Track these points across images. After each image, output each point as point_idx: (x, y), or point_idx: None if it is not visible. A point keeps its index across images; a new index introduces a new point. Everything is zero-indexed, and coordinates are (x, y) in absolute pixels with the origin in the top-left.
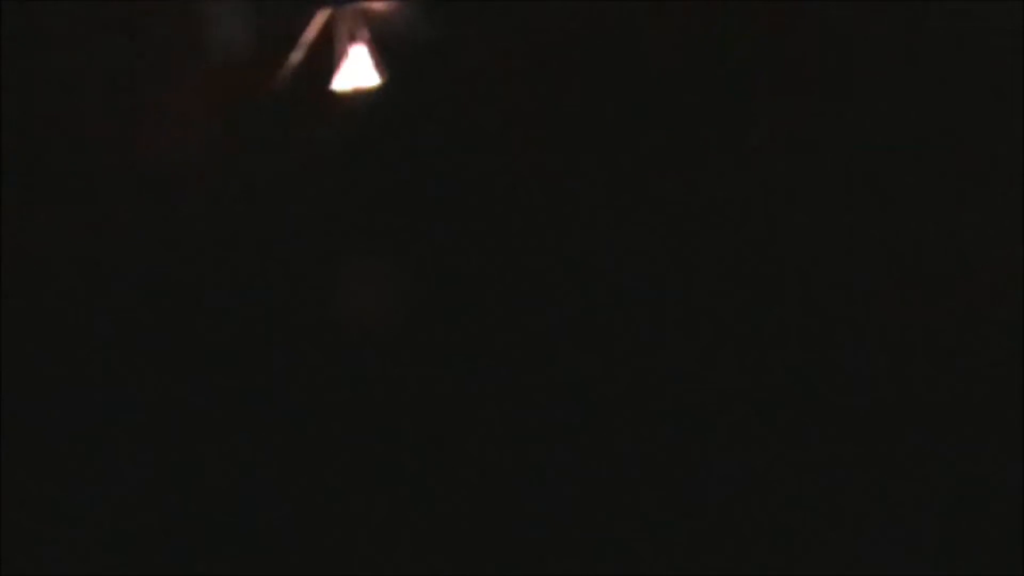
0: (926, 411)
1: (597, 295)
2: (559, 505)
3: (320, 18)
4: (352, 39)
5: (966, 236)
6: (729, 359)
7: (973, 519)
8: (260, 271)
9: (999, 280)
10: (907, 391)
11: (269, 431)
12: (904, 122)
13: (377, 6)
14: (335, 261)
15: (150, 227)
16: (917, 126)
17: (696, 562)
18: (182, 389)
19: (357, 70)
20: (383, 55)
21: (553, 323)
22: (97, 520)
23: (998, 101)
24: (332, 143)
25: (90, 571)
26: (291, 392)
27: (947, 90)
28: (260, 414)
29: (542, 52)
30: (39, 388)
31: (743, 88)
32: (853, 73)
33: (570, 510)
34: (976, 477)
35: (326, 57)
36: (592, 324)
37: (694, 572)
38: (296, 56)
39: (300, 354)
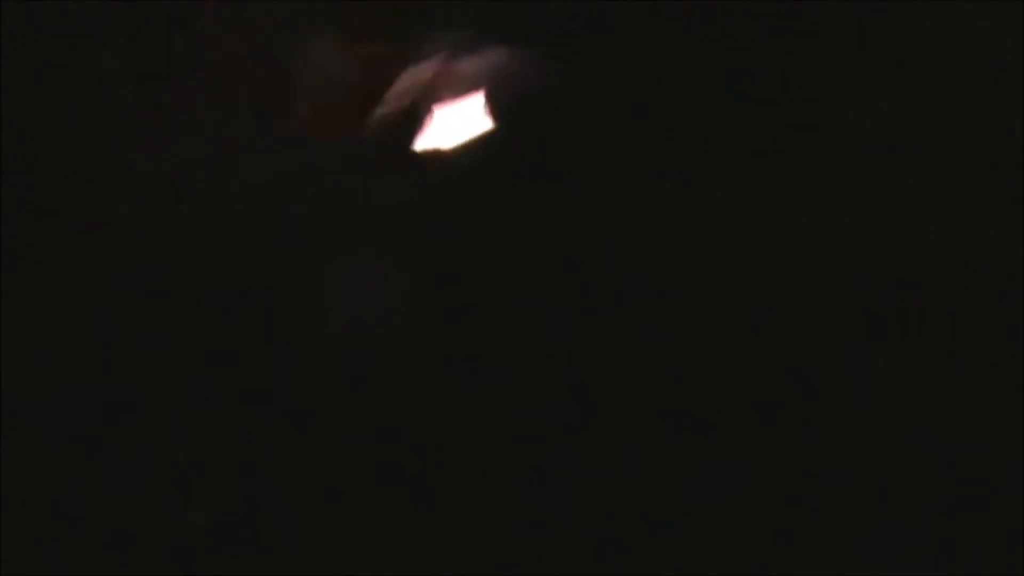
0: (926, 411)
1: (597, 295)
2: (559, 505)
3: (409, 76)
4: (438, 98)
5: (966, 236)
6: (729, 359)
7: (973, 519)
8: (260, 271)
9: (999, 280)
10: (907, 391)
11: (269, 431)
12: (904, 122)
13: (463, 66)
14: (335, 261)
15: (150, 227)
16: (917, 126)
17: (696, 562)
18: (182, 389)
19: (444, 128)
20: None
21: (553, 323)
22: (97, 520)
23: (998, 101)
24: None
25: (90, 571)
26: (291, 392)
27: (947, 90)
28: (260, 414)
29: (542, 52)
30: (39, 388)
31: (743, 88)
32: (853, 73)
33: (570, 510)
34: (976, 477)
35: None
36: (592, 324)
37: (694, 572)
38: (383, 109)
39: (300, 354)
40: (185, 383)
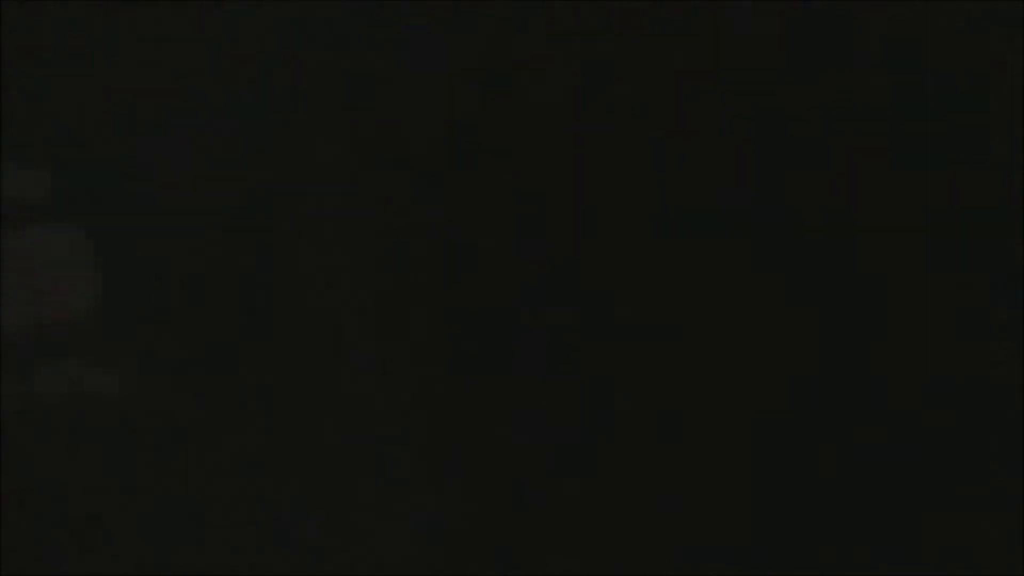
0: (926, 411)
1: (599, 295)
2: (559, 505)
3: None
4: None
5: (966, 237)
6: (729, 359)
7: (973, 519)
8: (260, 271)
9: (999, 280)
10: (907, 391)
11: (269, 431)
12: (904, 122)
13: None
14: (335, 261)
15: (150, 227)
16: (916, 126)
17: (696, 562)
18: (182, 389)
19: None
20: None
21: (553, 323)
22: (98, 520)
23: (998, 101)
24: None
25: (90, 571)
26: (291, 392)
27: (947, 90)
28: (260, 414)
29: (541, 51)
30: (39, 388)
31: (743, 88)
32: (854, 73)
33: (570, 510)
34: (976, 477)
35: None
36: (592, 324)
37: (694, 572)
38: None
39: (299, 354)
40: (185, 383)
